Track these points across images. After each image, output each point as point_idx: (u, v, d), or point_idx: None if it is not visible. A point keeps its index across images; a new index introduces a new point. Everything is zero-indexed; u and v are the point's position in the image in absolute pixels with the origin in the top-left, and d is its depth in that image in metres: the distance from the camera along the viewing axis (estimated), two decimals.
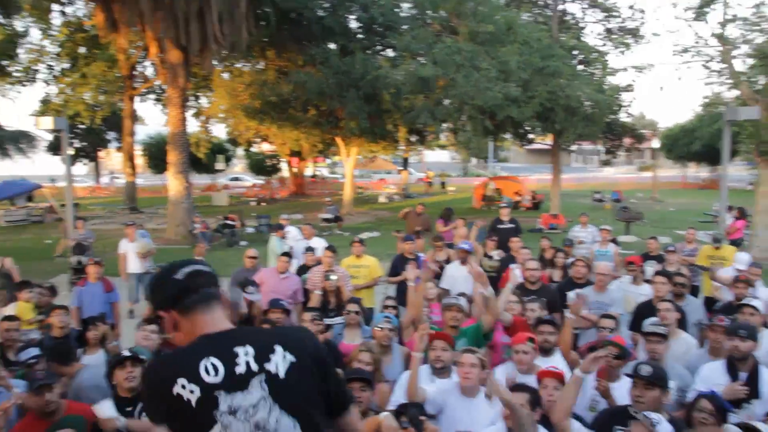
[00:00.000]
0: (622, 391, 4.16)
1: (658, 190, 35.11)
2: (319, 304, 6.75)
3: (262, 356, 1.84)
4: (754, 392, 4.32)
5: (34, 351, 4.71)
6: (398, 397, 4.32)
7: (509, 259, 8.83)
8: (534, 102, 19.51)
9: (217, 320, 1.92)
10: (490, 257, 8.95)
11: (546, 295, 6.38)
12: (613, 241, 10.97)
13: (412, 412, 3.61)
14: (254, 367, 1.83)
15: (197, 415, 1.77)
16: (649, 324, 5.06)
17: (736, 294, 6.66)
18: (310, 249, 9.08)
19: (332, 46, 24.41)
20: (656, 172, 37.25)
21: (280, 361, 1.84)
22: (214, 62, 23.19)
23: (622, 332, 5.67)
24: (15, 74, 29.30)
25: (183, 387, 1.77)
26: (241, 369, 1.82)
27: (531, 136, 26.27)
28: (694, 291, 8.69)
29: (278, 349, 1.86)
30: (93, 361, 5.12)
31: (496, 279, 7.80)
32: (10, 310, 6.82)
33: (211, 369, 1.80)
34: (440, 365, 4.58)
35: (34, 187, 28.84)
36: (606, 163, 33.34)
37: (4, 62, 23.52)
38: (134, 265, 10.75)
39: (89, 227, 13.52)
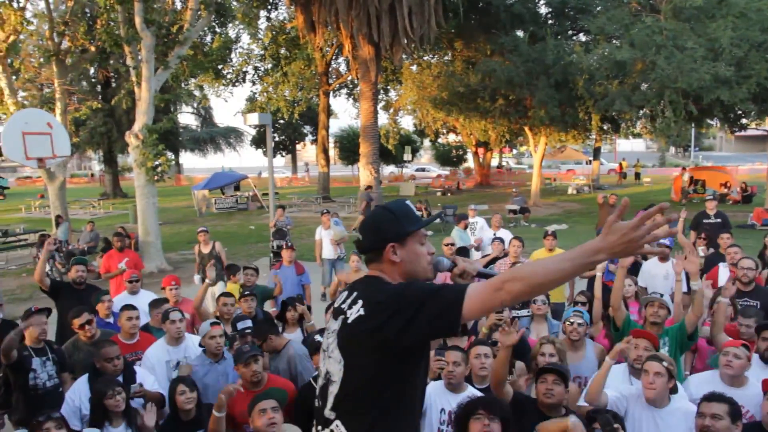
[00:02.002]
0: None
1: None
2: None
3: (351, 303, 2.18)
4: None
5: (249, 322, 5.16)
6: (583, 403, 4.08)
7: (716, 257, 7.98)
8: (750, 82, 17.48)
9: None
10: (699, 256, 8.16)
11: (761, 297, 5.67)
12: None
13: (605, 418, 3.37)
14: (345, 307, 2.20)
15: None
16: None
17: None
18: (498, 239, 8.92)
19: (521, 33, 23.86)
20: None
21: (355, 310, 2.13)
22: (404, 56, 23.76)
23: None
24: (228, 76, 32.32)
25: None
26: (341, 305, 2.24)
27: (744, 120, 23.64)
28: None
29: (360, 302, 2.15)
30: (294, 337, 5.48)
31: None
32: (220, 288, 7.49)
33: (338, 299, 2.31)
34: (640, 366, 4.24)
35: (241, 178, 31.75)
36: None
37: (219, 66, 26.04)
38: (328, 251, 11.29)
39: (287, 215, 14.52)
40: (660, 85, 18.60)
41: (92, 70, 30.03)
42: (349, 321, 2.14)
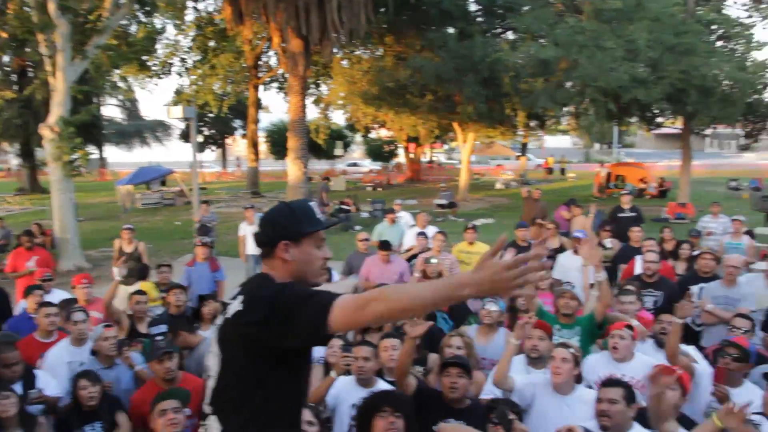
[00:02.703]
0: (744, 397, 3.67)
1: None
2: None
3: (233, 300, 2.14)
4: None
5: (164, 328, 5.04)
6: (492, 387, 4.18)
7: (628, 250, 8.33)
8: (664, 82, 18.28)
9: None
10: (604, 246, 8.51)
11: (664, 288, 5.96)
12: (749, 233, 10.07)
13: (501, 409, 3.44)
14: (229, 302, 2.18)
15: None
16: None
17: None
18: (421, 233, 9.02)
19: (451, 30, 24.16)
20: None
21: (235, 305, 2.09)
22: (334, 50, 23.65)
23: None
24: (153, 68, 31.36)
25: None
26: (228, 300, 2.23)
27: (659, 119, 24.71)
28: None
29: (240, 297, 2.11)
30: (208, 335, 5.38)
31: (609, 269, 7.38)
32: (136, 287, 7.30)
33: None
34: (536, 355, 4.42)
35: (167, 173, 30.89)
36: (745, 148, 30.73)
37: (144, 57, 25.25)
38: (252, 247, 11.13)
39: (213, 210, 14.23)
40: (582, 83, 19.20)
41: (6, 58, 28.55)
42: (228, 315, 2.11)
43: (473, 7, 26.03)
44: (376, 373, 4.12)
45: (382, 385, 3.96)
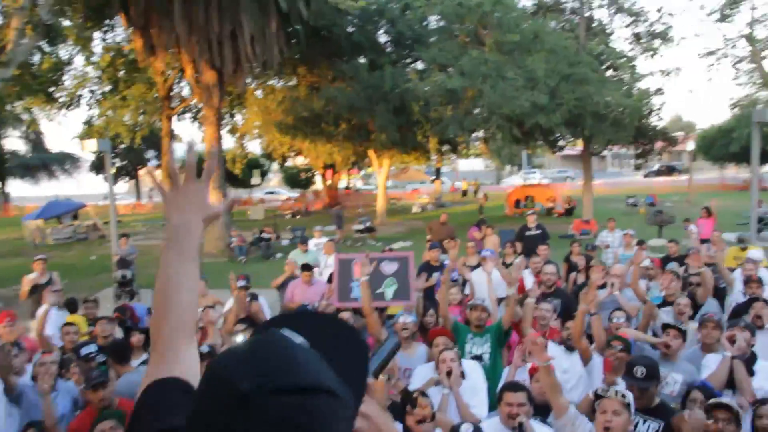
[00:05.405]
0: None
1: (696, 193, 34.61)
2: None
3: None
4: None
5: (93, 347, 5.24)
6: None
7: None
8: (562, 109, 19.65)
9: None
10: (508, 264, 9.19)
11: (561, 296, 6.65)
12: (640, 243, 11.09)
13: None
14: None
15: None
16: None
17: (749, 293, 6.81)
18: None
19: (362, 60, 24.91)
20: (692, 174, 36.73)
21: None
22: (248, 81, 23.89)
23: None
24: (60, 100, 30.50)
25: None
26: None
27: (561, 142, 26.34)
28: (720, 292, 8.77)
29: None
30: (137, 363, 5.62)
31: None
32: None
33: None
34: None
35: (79, 206, 30.02)
36: (638, 168, 33.07)
37: (51, 89, 24.61)
38: None
39: (132, 243, 14.13)
40: (488, 110, 20.34)
41: None
42: None
43: (383, 38, 26.95)
44: None
45: None
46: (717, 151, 44.46)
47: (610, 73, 23.36)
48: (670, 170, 56.90)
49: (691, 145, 36.91)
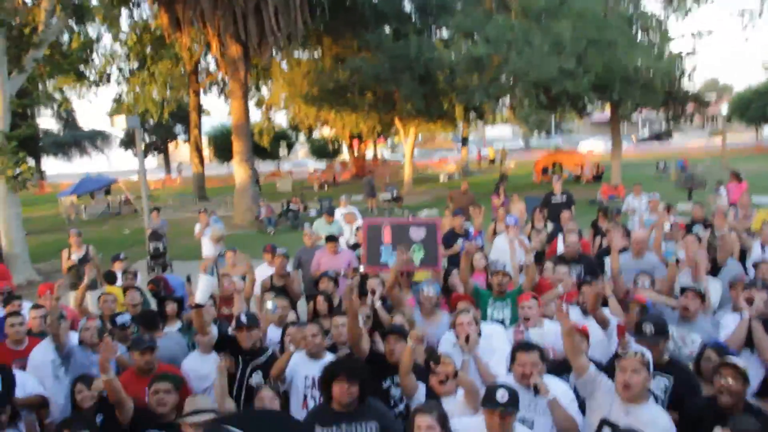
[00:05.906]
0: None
1: (729, 157, 33.90)
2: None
3: None
4: None
5: (128, 316, 5.51)
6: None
7: (560, 230, 9.10)
8: (590, 74, 19.38)
9: None
10: (539, 230, 9.24)
11: (584, 261, 6.72)
12: (668, 208, 11.03)
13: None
14: None
15: None
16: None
17: None
18: (359, 228, 9.57)
19: (387, 30, 24.78)
20: (725, 137, 35.93)
21: None
22: (273, 53, 23.98)
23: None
24: (90, 78, 30.95)
25: None
26: None
27: (589, 108, 25.98)
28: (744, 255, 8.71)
29: None
30: (171, 329, 5.93)
31: (541, 252, 8.17)
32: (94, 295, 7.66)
33: None
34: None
35: (111, 182, 30.62)
36: (668, 132, 32.44)
37: (80, 67, 24.98)
38: (207, 249, 11.46)
39: (163, 216, 14.46)
40: (514, 77, 20.15)
41: None
42: None
43: (407, 7, 26.74)
44: (330, 348, 4.74)
45: (329, 358, 4.55)
46: (753, 113, 43.40)
47: (640, 36, 22.84)
48: (658, 137, 55.65)
49: (725, 108, 36.07)
